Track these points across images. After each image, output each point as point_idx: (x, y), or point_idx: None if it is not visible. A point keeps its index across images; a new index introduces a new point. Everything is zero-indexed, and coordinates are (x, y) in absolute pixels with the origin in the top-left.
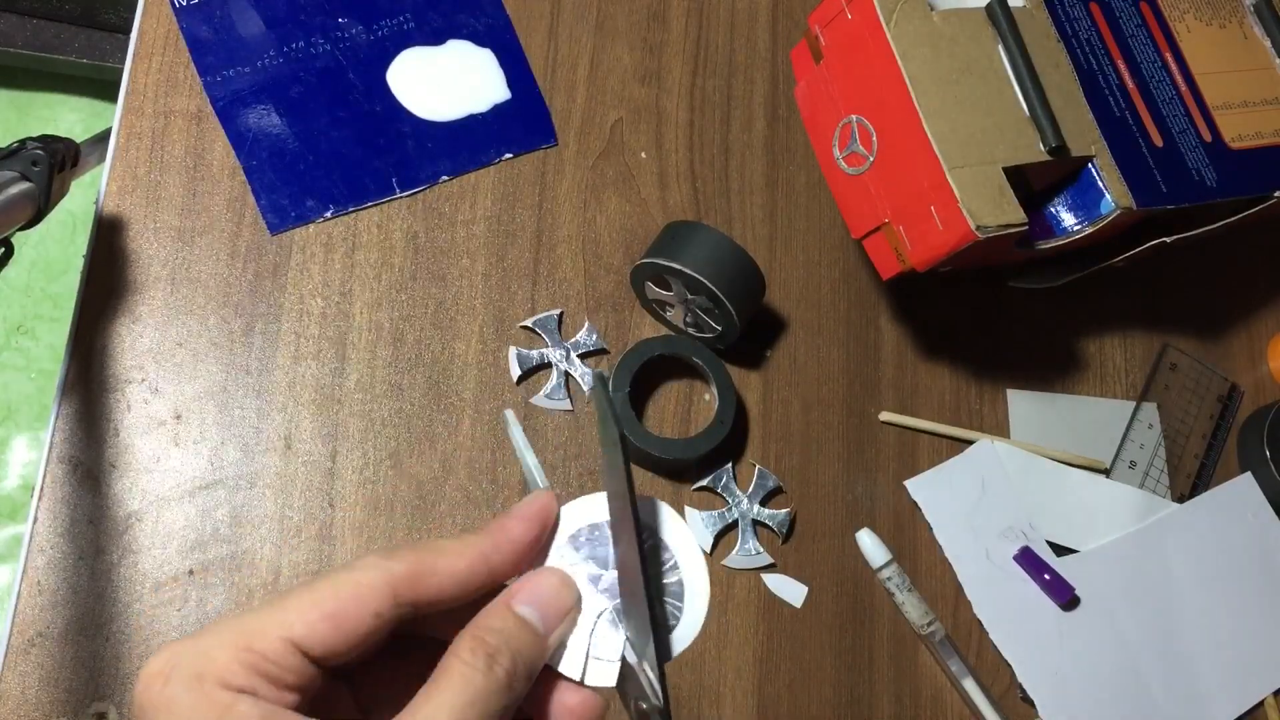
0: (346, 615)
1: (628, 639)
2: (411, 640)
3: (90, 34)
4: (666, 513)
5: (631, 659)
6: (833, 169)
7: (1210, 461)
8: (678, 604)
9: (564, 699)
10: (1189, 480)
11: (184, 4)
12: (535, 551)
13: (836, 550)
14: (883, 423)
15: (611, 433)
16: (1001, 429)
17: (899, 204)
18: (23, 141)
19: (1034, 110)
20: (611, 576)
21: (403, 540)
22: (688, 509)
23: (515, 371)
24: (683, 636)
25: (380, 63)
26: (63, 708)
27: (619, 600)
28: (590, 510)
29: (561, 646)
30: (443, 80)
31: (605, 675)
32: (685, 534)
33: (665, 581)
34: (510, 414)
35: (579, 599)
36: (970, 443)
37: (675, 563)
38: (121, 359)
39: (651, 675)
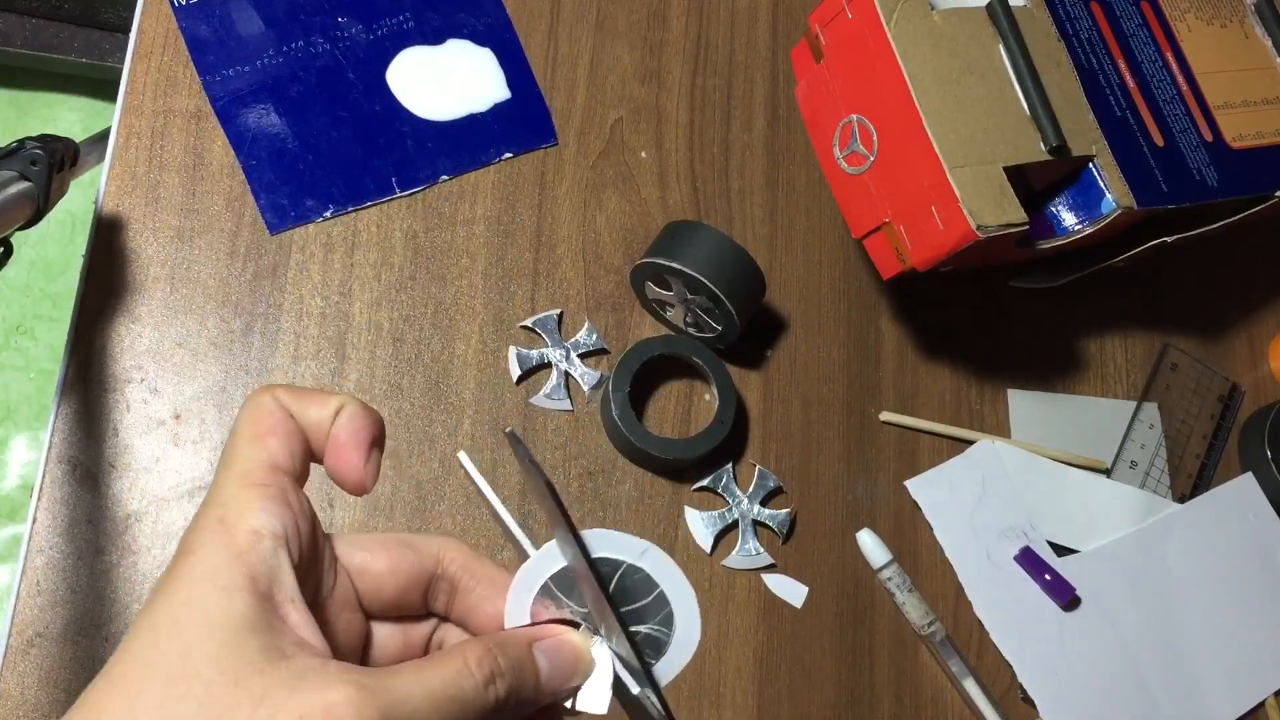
0: (273, 426)
1: (623, 668)
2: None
3: (89, 33)
4: (650, 551)
5: (634, 689)
6: (833, 169)
7: (1211, 461)
8: (665, 630)
9: None
10: (1190, 480)
11: (183, 3)
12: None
13: (837, 550)
14: (883, 423)
15: (539, 483)
16: (1002, 429)
17: (899, 204)
18: (22, 141)
19: (1034, 110)
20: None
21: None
22: (687, 509)
23: (515, 371)
24: (674, 662)
25: (380, 62)
26: (62, 708)
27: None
28: (555, 557)
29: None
30: (442, 80)
31: (594, 702)
32: (667, 566)
33: (646, 609)
34: (463, 456)
35: (588, 674)
36: (971, 443)
37: (661, 593)
38: (120, 359)
39: (655, 701)
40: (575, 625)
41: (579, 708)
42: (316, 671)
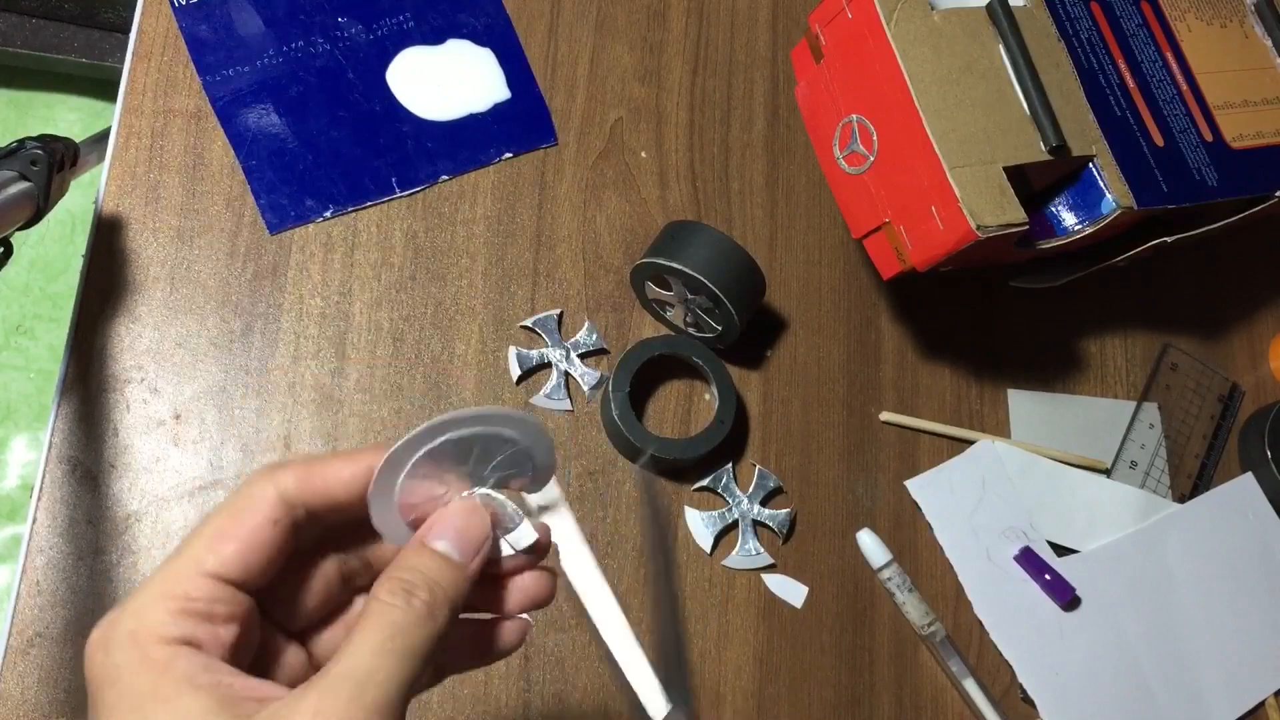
0: (245, 531)
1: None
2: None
3: (89, 33)
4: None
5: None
6: (833, 169)
7: (1211, 461)
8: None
9: (519, 582)
10: (1190, 480)
11: (183, 3)
12: None
13: (837, 550)
14: (883, 423)
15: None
16: (1002, 429)
17: (899, 203)
18: (22, 141)
19: (1034, 110)
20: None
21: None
22: (687, 509)
23: (515, 371)
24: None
25: (380, 62)
26: (62, 708)
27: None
28: (431, 434)
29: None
30: (442, 80)
31: (525, 535)
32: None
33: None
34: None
35: (490, 525)
36: (971, 443)
37: (514, 439)
38: (120, 359)
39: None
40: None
41: (516, 548)
42: (286, 706)
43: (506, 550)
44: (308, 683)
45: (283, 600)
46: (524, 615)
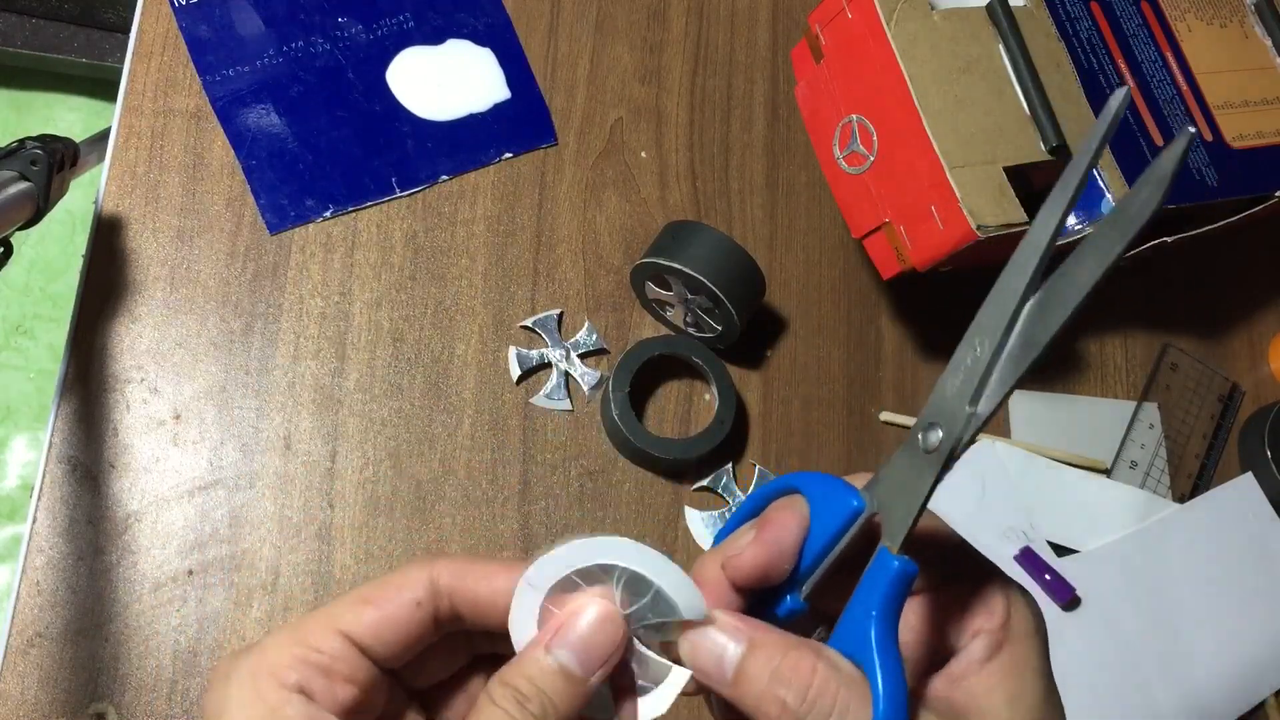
0: (388, 603)
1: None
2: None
3: (89, 33)
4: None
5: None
6: (833, 168)
7: (1211, 461)
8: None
9: None
10: (1190, 480)
11: (183, 3)
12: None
13: None
14: (883, 423)
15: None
16: (1002, 429)
17: (899, 203)
18: (22, 141)
19: (1035, 109)
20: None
21: (318, 499)
22: (687, 509)
23: (515, 371)
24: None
25: (380, 62)
26: (62, 708)
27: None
28: (593, 553)
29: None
30: (442, 80)
31: (652, 706)
32: (658, 562)
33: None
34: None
35: (624, 636)
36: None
37: (657, 590)
38: (120, 359)
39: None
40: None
41: (642, 718)
42: None
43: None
44: None
45: (412, 663)
46: None
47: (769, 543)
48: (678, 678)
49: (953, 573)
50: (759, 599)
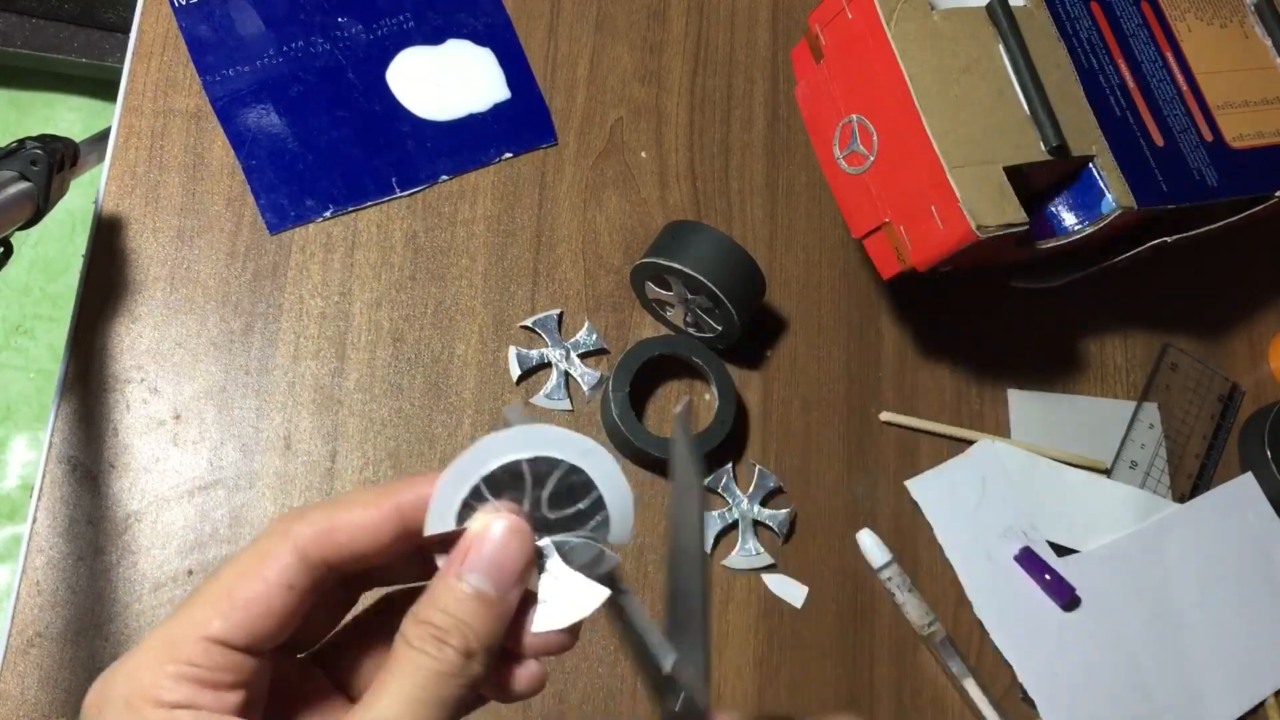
0: (258, 596)
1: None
2: (383, 615)
3: (89, 33)
4: (593, 452)
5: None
6: (833, 169)
7: (1211, 461)
8: (596, 537)
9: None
10: (1190, 480)
11: (183, 3)
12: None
13: (837, 550)
14: (883, 423)
15: (689, 477)
16: (1002, 429)
17: (899, 204)
18: (22, 141)
19: (1034, 110)
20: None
21: (318, 499)
22: None
23: (515, 371)
24: (619, 522)
25: (380, 62)
26: (62, 708)
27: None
28: (499, 449)
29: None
30: (442, 80)
31: (557, 616)
32: (609, 467)
33: (580, 514)
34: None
35: (532, 547)
36: (971, 443)
37: (599, 498)
38: (120, 359)
39: (701, 690)
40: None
41: (535, 629)
42: None
43: (543, 623)
44: None
45: (307, 636)
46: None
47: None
48: (590, 597)
49: None
50: None
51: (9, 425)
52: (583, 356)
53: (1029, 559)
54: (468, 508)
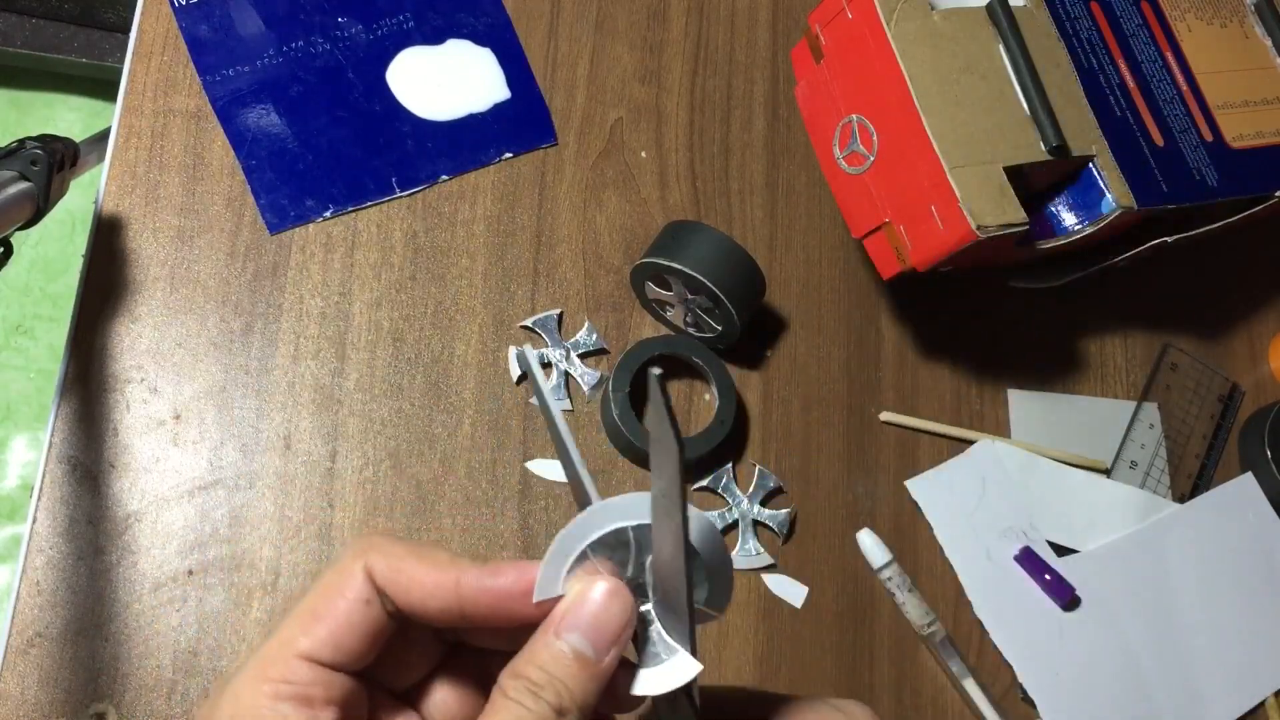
0: (339, 612)
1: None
2: (479, 657)
3: (89, 33)
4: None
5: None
6: (833, 168)
7: (1211, 461)
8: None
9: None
10: (1190, 480)
11: (183, 3)
12: (522, 605)
13: (837, 550)
14: (883, 423)
15: (666, 433)
16: (1002, 429)
17: (899, 203)
18: (22, 141)
19: (1034, 109)
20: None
21: (319, 499)
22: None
23: (515, 371)
24: (720, 587)
25: (380, 62)
26: (62, 708)
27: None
28: (605, 517)
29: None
30: (442, 80)
31: (659, 681)
32: (710, 532)
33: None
34: (527, 352)
35: (633, 611)
36: (971, 442)
37: (701, 561)
38: (120, 359)
39: (693, 688)
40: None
41: (635, 692)
42: None
43: (643, 687)
44: None
45: (387, 663)
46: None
47: None
48: (684, 667)
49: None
50: None
51: (9, 425)
52: (583, 356)
53: (1029, 559)
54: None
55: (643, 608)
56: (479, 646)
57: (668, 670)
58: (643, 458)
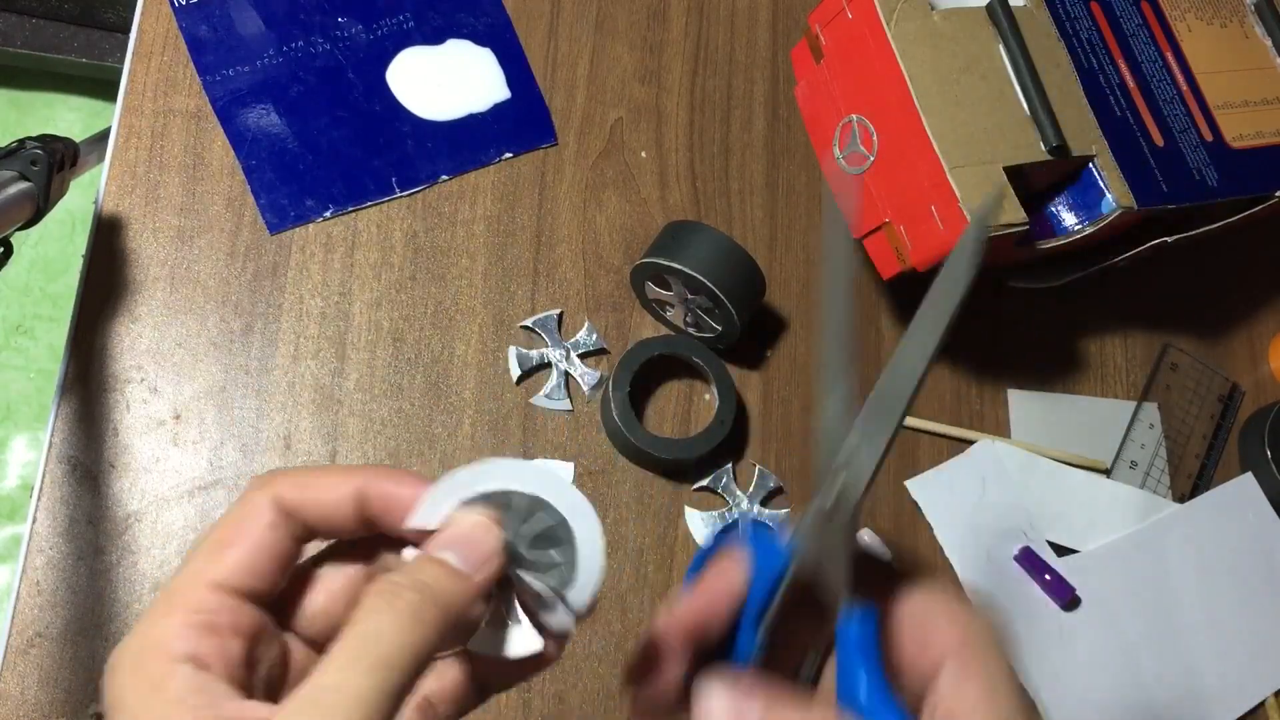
0: (246, 538)
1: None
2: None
3: (89, 33)
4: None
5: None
6: (833, 168)
7: (1211, 461)
8: (559, 558)
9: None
10: (1190, 480)
11: (183, 3)
12: (413, 510)
13: None
14: None
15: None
16: (1002, 429)
17: (899, 204)
18: (22, 141)
19: (1034, 109)
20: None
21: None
22: (687, 509)
23: (515, 371)
24: (583, 586)
25: (380, 62)
26: (62, 708)
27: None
28: (482, 477)
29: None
30: (442, 80)
31: (528, 642)
32: (579, 506)
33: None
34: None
35: (501, 545)
36: (971, 443)
37: (563, 519)
38: (120, 359)
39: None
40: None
41: (510, 653)
42: None
43: (513, 647)
44: (282, 704)
45: (297, 608)
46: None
47: (701, 596)
48: (530, 641)
49: (897, 594)
50: (718, 649)
51: (9, 425)
52: (583, 356)
53: (1029, 559)
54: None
55: (509, 571)
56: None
57: (514, 638)
58: (641, 456)
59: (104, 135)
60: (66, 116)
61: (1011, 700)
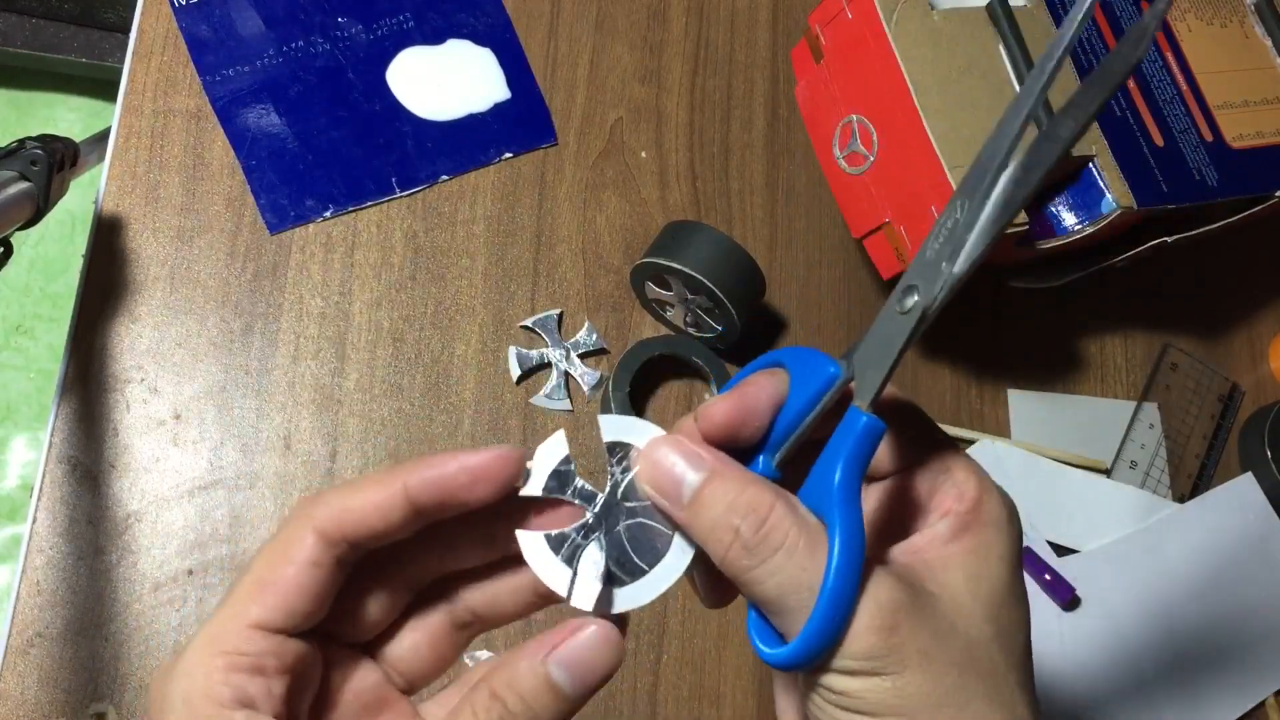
0: (287, 577)
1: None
2: (438, 599)
3: (89, 33)
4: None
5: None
6: (833, 168)
7: (1211, 461)
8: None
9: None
10: (1190, 480)
11: (183, 3)
12: (473, 492)
13: None
14: None
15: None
16: (1002, 429)
17: (899, 203)
18: (22, 141)
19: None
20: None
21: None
22: None
23: (515, 371)
24: (644, 589)
25: (380, 62)
26: (62, 708)
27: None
28: (557, 448)
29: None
30: (442, 80)
31: (633, 596)
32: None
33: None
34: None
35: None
36: (971, 443)
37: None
38: (120, 359)
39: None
40: (578, 511)
41: (573, 603)
42: None
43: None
44: None
45: (343, 617)
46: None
47: (742, 398)
48: (671, 568)
49: (923, 454)
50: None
51: (9, 425)
52: (583, 356)
53: (1029, 559)
54: (557, 475)
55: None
56: (451, 572)
57: (648, 582)
58: None
59: (104, 135)
60: (66, 116)
61: (1000, 577)
